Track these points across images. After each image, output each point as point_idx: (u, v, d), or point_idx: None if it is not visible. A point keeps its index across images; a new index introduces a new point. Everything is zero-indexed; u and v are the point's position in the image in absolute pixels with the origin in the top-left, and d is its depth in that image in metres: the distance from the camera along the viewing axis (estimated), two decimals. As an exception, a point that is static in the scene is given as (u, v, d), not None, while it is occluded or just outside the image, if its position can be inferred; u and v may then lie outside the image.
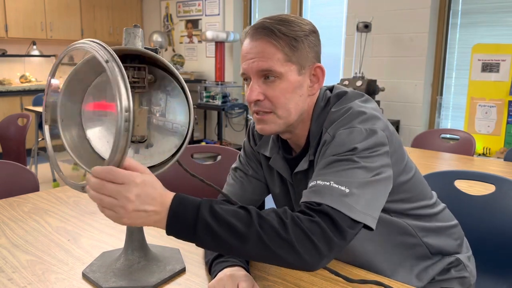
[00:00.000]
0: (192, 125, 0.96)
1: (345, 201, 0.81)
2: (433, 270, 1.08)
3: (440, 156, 2.36)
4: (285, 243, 0.76)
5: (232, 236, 0.76)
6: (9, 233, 1.20)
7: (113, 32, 6.34)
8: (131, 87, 0.94)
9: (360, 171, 0.85)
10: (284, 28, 0.92)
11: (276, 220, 0.78)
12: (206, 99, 5.32)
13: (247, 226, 0.76)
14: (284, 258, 0.77)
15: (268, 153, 1.10)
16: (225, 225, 0.76)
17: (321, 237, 0.78)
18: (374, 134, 0.89)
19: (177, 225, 0.77)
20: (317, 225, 0.78)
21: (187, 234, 0.77)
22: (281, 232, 0.76)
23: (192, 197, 0.79)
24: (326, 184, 0.84)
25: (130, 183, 0.74)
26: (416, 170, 1.06)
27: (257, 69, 0.93)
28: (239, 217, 0.77)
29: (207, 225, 0.76)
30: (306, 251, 0.77)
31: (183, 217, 0.76)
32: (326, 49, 4.74)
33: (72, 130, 0.98)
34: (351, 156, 0.86)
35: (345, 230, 0.80)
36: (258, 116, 0.98)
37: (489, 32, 3.83)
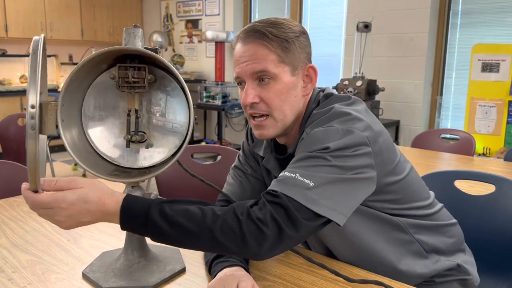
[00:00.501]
0: (192, 125, 0.96)
1: (307, 193, 0.82)
2: (433, 270, 1.07)
3: (440, 156, 2.36)
4: (237, 237, 0.79)
5: (183, 235, 0.80)
6: (9, 233, 1.20)
7: (113, 32, 6.34)
8: (131, 87, 0.94)
9: (330, 169, 0.85)
10: (275, 31, 0.94)
11: (230, 217, 0.80)
12: (206, 99, 5.31)
13: (198, 225, 0.79)
14: (235, 250, 0.80)
15: (262, 153, 1.10)
16: (175, 226, 0.80)
17: (272, 226, 0.80)
18: (349, 134, 0.89)
19: (128, 226, 0.82)
20: (268, 215, 0.80)
21: (141, 234, 0.83)
22: (234, 227, 0.79)
23: (142, 199, 0.83)
24: (291, 175, 0.85)
25: (56, 208, 0.79)
26: (410, 172, 1.04)
27: (252, 71, 0.94)
28: (189, 216, 0.80)
29: (157, 226, 0.80)
30: (256, 241, 0.79)
31: (133, 220, 0.81)
32: (326, 49, 4.73)
33: (72, 130, 0.98)
34: (323, 154, 0.87)
35: (298, 220, 0.81)
36: (255, 122, 0.99)
37: (489, 32, 3.83)
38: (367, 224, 1.00)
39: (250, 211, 0.80)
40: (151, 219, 0.80)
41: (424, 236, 1.06)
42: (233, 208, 0.82)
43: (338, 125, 0.91)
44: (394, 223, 1.02)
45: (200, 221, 0.80)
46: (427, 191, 1.12)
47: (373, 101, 3.96)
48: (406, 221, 1.03)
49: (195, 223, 0.80)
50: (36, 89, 0.76)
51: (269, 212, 0.80)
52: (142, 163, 1.00)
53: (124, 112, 0.99)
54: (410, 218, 1.04)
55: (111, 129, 1.00)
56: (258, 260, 0.86)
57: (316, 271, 0.98)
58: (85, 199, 0.80)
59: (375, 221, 1.01)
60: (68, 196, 0.79)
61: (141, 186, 0.99)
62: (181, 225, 0.79)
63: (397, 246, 1.03)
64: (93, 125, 1.00)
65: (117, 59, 0.95)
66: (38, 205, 0.79)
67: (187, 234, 0.80)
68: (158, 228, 0.80)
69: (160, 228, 0.80)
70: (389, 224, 1.02)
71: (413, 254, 1.05)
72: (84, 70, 0.93)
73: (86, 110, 0.99)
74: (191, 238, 0.80)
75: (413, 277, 1.03)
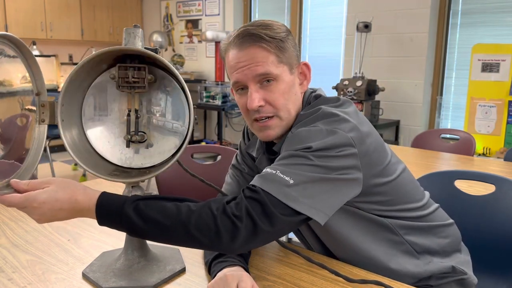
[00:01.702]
0: (192, 125, 0.96)
1: (285, 190, 0.83)
2: (425, 270, 1.06)
3: (440, 156, 2.36)
4: (211, 231, 0.80)
5: (158, 230, 0.81)
6: (9, 233, 1.20)
7: (113, 32, 6.34)
8: (131, 87, 0.94)
9: (311, 168, 0.85)
10: (269, 32, 0.94)
11: (205, 212, 0.81)
12: (206, 99, 5.31)
13: (172, 220, 0.81)
14: (209, 244, 0.81)
15: (255, 153, 1.11)
16: (149, 221, 0.81)
17: (246, 221, 0.80)
18: (333, 134, 0.89)
19: (105, 222, 0.84)
20: (244, 209, 0.81)
21: (118, 229, 0.84)
22: (208, 222, 0.80)
23: (117, 196, 0.85)
24: (272, 171, 0.86)
25: (29, 207, 0.81)
26: (402, 173, 1.03)
27: (254, 74, 0.94)
28: (164, 212, 0.81)
29: (131, 222, 0.81)
30: (230, 236, 0.80)
31: (109, 216, 0.83)
32: (326, 49, 4.72)
33: (72, 130, 0.98)
34: (305, 153, 0.87)
35: (275, 215, 0.82)
36: (261, 124, 0.98)
37: (489, 32, 3.83)
38: (353, 224, 1.00)
39: (226, 207, 0.82)
40: (126, 215, 0.81)
41: (414, 237, 1.05)
42: (208, 203, 0.83)
43: (322, 125, 0.91)
44: (383, 224, 1.02)
45: (175, 217, 0.81)
46: (422, 192, 1.10)
47: (373, 101, 3.96)
48: (395, 223, 1.02)
49: (169, 218, 0.81)
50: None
51: (245, 207, 0.81)
52: (142, 163, 1.00)
53: (124, 112, 0.99)
54: (400, 219, 1.03)
55: (111, 129, 1.00)
56: (232, 254, 0.88)
57: (316, 271, 0.98)
58: (56, 197, 0.82)
59: (361, 221, 1.00)
60: (39, 196, 0.82)
61: (141, 186, 0.99)
62: (156, 220, 0.81)
63: (386, 246, 1.03)
64: (93, 125, 1.00)
65: (117, 59, 0.96)
66: (12, 205, 0.82)
67: (162, 229, 0.81)
68: (132, 224, 0.81)
69: (135, 224, 0.81)
70: (377, 224, 1.02)
71: (404, 254, 1.05)
72: (84, 70, 0.93)
73: (86, 110, 0.99)
74: (166, 233, 0.81)
75: (407, 276, 1.02)
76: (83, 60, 0.90)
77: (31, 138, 0.97)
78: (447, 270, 1.06)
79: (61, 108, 0.94)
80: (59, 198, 0.82)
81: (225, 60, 1.01)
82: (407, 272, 1.02)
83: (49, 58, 5.55)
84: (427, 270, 1.05)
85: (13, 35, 0.87)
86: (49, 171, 4.34)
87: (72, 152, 0.94)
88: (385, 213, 1.01)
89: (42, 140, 0.97)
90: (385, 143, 1.03)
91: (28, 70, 0.94)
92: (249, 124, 1.02)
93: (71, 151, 0.94)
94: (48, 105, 0.95)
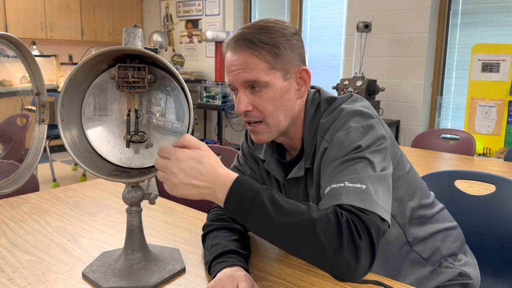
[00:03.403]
0: (192, 125, 0.96)
1: (364, 197, 0.79)
2: (433, 280, 1.07)
3: (440, 156, 2.36)
4: (337, 239, 0.74)
5: (284, 224, 0.76)
6: (9, 233, 1.20)
7: (113, 32, 6.33)
8: (131, 87, 0.94)
9: (370, 167, 0.84)
10: (263, 37, 0.92)
11: (333, 217, 0.76)
12: (206, 99, 5.31)
13: (302, 217, 0.76)
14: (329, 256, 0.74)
15: (263, 156, 1.10)
16: (280, 210, 0.77)
17: (366, 239, 0.75)
18: (371, 129, 0.90)
19: (233, 201, 0.79)
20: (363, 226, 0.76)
21: (242, 213, 0.79)
22: (334, 227, 0.75)
23: (253, 182, 0.81)
24: (340, 185, 0.82)
25: (174, 158, 0.80)
26: (411, 168, 1.06)
27: (242, 80, 0.94)
28: (297, 207, 0.77)
29: (263, 206, 0.77)
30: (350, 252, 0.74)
31: (242, 196, 0.79)
32: (326, 49, 4.71)
33: (72, 130, 0.98)
34: (358, 154, 0.86)
35: (380, 228, 0.78)
36: (250, 128, 0.99)
37: (489, 32, 3.83)
38: None
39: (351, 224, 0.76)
40: (260, 198, 0.78)
41: (423, 247, 1.06)
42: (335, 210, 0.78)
43: (356, 124, 0.91)
44: (394, 236, 1.02)
45: (305, 212, 0.77)
46: (428, 189, 1.12)
47: (373, 101, 3.96)
48: (409, 232, 1.03)
49: (300, 214, 0.77)
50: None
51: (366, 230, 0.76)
52: (142, 163, 1.00)
53: (124, 112, 0.99)
54: (414, 223, 1.04)
55: (111, 129, 1.00)
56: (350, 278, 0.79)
57: (316, 271, 0.98)
58: (201, 160, 0.81)
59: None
60: (187, 150, 0.81)
61: (141, 186, 0.99)
62: (286, 212, 0.77)
63: (393, 258, 1.04)
64: (93, 125, 1.00)
65: (117, 59, 0.95)
66: (161, 151, 0.82)
67: (289, 224, 0.76)
68: (264, 209, 0.77)
69: (266, 209, 0.77)
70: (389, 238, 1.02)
71: (410, 264, 1.05)
72: (84, 70, 0.93)
73: (86, 110, 0.99)
74: (292, 230, 0.76)
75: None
76: (83, 60, 0.90)
77: (31, 138, 0.97)
78: (453, 277, 1.07)
79: (61, 108, 0.94)
80: (203, 162, 0.80)
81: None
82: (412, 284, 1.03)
83: (49, 58, 5.55)
84: (431, 279, 1.05)
85: (12, 35, 0.87)
86: (49, 171, 4.34)
87: (72, 152, 0.94)
88: (405, 213, 1.02)
89: (42, 140, 0.97)
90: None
91: (27, 70, 0.94)
92: (244, 125, 1.03)
93: (71, 151, 0.94)
94: (48, 105, 0.95)
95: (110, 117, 1.00)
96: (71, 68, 5.61)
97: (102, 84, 0.99)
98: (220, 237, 1.02)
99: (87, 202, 1.48)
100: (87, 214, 1.37)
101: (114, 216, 1.35)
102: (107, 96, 0.99)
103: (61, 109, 0.94)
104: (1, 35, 0.85)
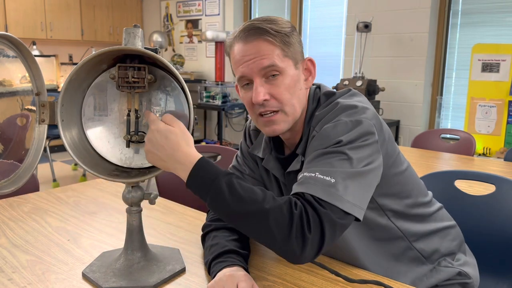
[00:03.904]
0: (192, 125, 0.96)
1: (330, 190, 0.82)
2: (432, 278, 1.07)
3: (440, 156, 2.36)
4: (286, 230, 0.79)
5: (238, 209, 0.81)
6: (9, 233, 1.20)
7: (113, 32, 6.33)
8: (131, 87, 0.94)
9: (347, 162, 0.85)
10: (275, 26, 0.94)
11: (286, 208, 0.80)
12: (206, 99, 5.31)
13: (257, 203, 0.80)
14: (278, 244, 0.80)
15: (261, 154, 1.10)
16: (235, 197, 0.81)
17: (316, 232, 0.79)
18: (359, 124, 0.90)
19: (193, 181, 0.85)
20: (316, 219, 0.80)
21: (201, 191, 0.85)
22: (286, 219, 0.79)
23: (215, 165, 0.86)
24: (311, 175, 0.85)
25: (150, 127, 0.88)
26: (408, 165, 1.06)
27: (260, 67, 0.94)
28: (253, 194, 0.81)
29: (220, 192, 0.82)
30: (297, 243, 0.79)
31: (200, 179, 0.84)
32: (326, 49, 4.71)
33: (72, 130, 0.98)
34: (337, 148, 0.87)
35: (336, 222, 0.81)
36: (265, 118, 0.98)
37: (489, 32, 3.83)
38: (362, 232, 1.01)
39: (303, 214, 0.81)
40: (218, 183, 0.82)
41: (423, 244, 1.06)
42: (290, 200, 0.82)
43: (346, 117, 0.91)
44: (392, 232, 1.02)
45: (259, 202, 0.81)
46: (425, 187, 1.12)
47: (373, 101, 3.96)
48: (406, 228, 1.03)
49: (254, 203, 0.81)
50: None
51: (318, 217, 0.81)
52: (142, 163, 1.00)
53: (124, 112, 0.99)
54: (411, 220, 1.04)
55: (111, 129, 1.00)
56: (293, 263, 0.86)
57: (316, 271, 0.98)
58: (167, 135, 0.86)
59: (371, 229, 1.01)
60: (160, 124, 0.88)
61: (141, 186, 0.99)
62: (242, 199, 0.81)
63: (386, 259, 1.04)
64: (93, 125, 1.00)
65: (117, 59, 0.96)
66: (146, 115, 0.91)
67: (243, 210, 0.81)
68: (221, 194, 0.82)
69: (223, 195, 0.81)
70: (387, 232, 1.02)
71: (411, 261, 1.05)
72: (84, 70, 0.93)
73: (86, 110, 0.99)
74: (245, 217, 0.81)
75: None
76: (83, 60, 0.90)
77: (31, 138, 0.97)
78: (453, 276, 1.07)
79: (61, 108, 0.94)
80: (169, 138, 0.86)
81: (230, 56, 1.00)
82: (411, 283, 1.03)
83: (49, 58, 5.55)
84: (431, 277, 1.05)
85: (12, 35, 0.87)
86: (49, 171, 4.34)
87: (72, 152, 0.94)
88: (400, 210, 1.02)
89: (42, 140, 0.97)
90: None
91: (27, 70, 0.94)
92: (254, 120, 1.01)
93: (71, 151, 0.94)
94: (48, 105, 0.95)
95: (110, 117, 1.00)
96: (71, 68, 5.61)
97: (102, 84, 0.98)
98: (220, 237, 1.02)
99: (87, 202, 1.48)
100: (87, 214, 1.37)
101: (114, 216, 1.35)
102: (107, 96, 0.99)
103: (61, 109, 0.94)
104: (1, 35, 0.85)
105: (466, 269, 1.10)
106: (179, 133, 0.87)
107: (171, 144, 0.86)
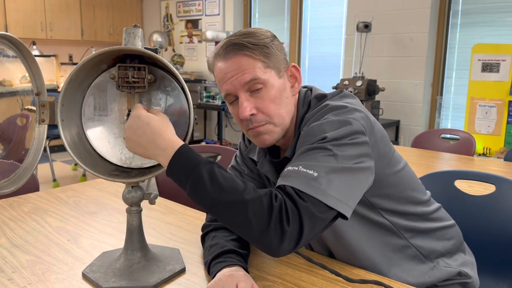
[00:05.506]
0: (192, 125, 0.96)
1: (312, 183, 0.82)
2: (433, 276, 1.06)
3: (440, 156, 2.36)
4: (265, 222, 0.78)
5: (218, 199, 0.80)
6: (9, 233, 1.20)
7: (113, 32, 6.34)
8: (131, 87, 0.94)
9: (331, 158, 0.85)
10: (252, 39, 0.94)
11: (266, 200, 0.80)
12: (206, 99, 5.32)
13: (237, 194, 0.80)
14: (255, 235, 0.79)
15: (256, 157, 1.10)
16: (216, 186, 0.80)
17: (294, 225, 0.79)
18: (346, 124, 0.89)
19: (172, 169, 0.84)
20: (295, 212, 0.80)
21: (181, 180, 0.84)
22: (265, 211, 0.79)
23: (196, 153, 0.85)
24: (294, 168, 0.85)
25: (131, 115, 0.88)
26: (405, 166, 1.05)
27: (242, 83, 0.94)
28: (234, 185, 0.81)
29: (200, 179, 0.81)
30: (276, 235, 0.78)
31: (181, 166, 0.83)
32: (326, 49, 4.72)
33: (72, 130, 0.98)
34: (322, 144, 0.86)
35: (315, 216, 0.80)
36: (254, 130, 0.98)
37: (489, 32, 3.83)
38: (359, 228, 1.00)
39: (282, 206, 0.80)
40: (199, 171, 0.81)
41: (420, 241, 1.05)
42: (271, 192, 0.82)
43: (333, 116, 0.91)
44: (389, 228, 1.02)
45: (240, 193, 0.80)
46: (423, 187, 1.12)
47: (373, 101, 3.96)
48: (401, 225, 1.03)
49: (235, 193, 0.80)
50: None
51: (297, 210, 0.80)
52: (142, 163, 1.00)
53: (124, 112, 0.99)
54: (407, 218, 1.04)
55: (111, 129, 1.00)
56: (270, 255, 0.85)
57: (316, 271, 0.98)
58: (149, 121, 0.86)
59: (368, 225, 1.01)
60: (141, 111, 0.88)
61: (141, 186, 0.99)
62: (222, 188, 0.80)
63: (391, 252, 1.03)
64: (93, 125, 1.00)
65: (117, 59, 0.96)
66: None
67: (223, 200, 0.80)
68: (201, 182, 0.81)
69: (203, 183, 0.81)
70: (384, 229, 1.02)
71: (410, 259, 1.05)
72: (84, 70, 0.93)
73: (86, 110, 0.99)
74: (224, 207, 0.80)
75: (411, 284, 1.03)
76: (83, 60, 0.90)
77: (31, 138, 0.97)
78: (453, 277, 1.07)
79: (61, 108, 0.94)
80: (150, 124, 0.86)
81: (214, 74, 1.00)
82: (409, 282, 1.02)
83: (49, 58, 5.55)
84: (432, 276, 1.05)
85: (12, 35, 0.87)
86: (49, 171, 4.34)
87: (72, 152, 0.94)
88: (394, 209, 1.02)
89: (42, 140, 0.97)
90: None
91: (27, 70, 0.94)
92: (245, 132, 1.02)
93: (71, 151, 0.94)
94: (48, 105, 0.95)
95: (110, 117, 1.00)
96: (71, 68, 5.61)
97: (102, 84, 0.99)
98: (219, 237, 1.02)
99: (87, 202, 1.48)
100: (87, 214, 1.37)
101: (114, 216, 1.35)
102: (107, 96, 0.99)
103: (61, 109, 0.94)
104: (1, 35, 0.85)
105: (466, 269, 1.10)
106: (161, 120, 0.87)
107: (152, 130, 0.85)
